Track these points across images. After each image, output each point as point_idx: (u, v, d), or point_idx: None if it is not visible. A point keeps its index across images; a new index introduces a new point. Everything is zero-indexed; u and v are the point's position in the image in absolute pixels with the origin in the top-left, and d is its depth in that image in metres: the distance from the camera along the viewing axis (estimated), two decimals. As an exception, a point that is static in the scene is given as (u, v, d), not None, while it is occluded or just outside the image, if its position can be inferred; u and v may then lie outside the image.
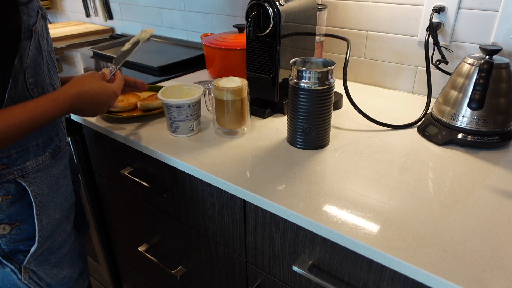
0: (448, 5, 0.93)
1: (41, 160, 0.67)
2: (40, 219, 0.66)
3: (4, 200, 0.62)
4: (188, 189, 0.81)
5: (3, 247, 0.64)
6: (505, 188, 0.65)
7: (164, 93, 0.84)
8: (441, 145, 0.79)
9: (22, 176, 0.64)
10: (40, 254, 0.69)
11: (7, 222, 0.63)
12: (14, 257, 0.66)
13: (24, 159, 0.64)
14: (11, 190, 0.63)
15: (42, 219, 0.67)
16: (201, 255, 0.89)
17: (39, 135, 0.66)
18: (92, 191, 1.12)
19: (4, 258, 0.65)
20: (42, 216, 0.67)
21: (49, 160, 0.69)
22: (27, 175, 0.64)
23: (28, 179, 0.64)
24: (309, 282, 0.68)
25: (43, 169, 0.67)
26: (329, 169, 0.71)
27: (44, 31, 0.64)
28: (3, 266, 0.65)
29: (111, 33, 1.87)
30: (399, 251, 0.52)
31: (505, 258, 0.51)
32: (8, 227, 0.63)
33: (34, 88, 0.62)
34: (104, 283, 1.37)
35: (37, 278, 0.69)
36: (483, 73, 0.72)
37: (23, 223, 0.66)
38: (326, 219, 0.58)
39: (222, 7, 1.40)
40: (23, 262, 0.67)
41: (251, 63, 0.92)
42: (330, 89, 0.74)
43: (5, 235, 0.64)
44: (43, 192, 0.67)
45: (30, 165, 0.65)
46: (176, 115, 0.81)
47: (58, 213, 0.71)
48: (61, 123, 0.74)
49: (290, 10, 0.84)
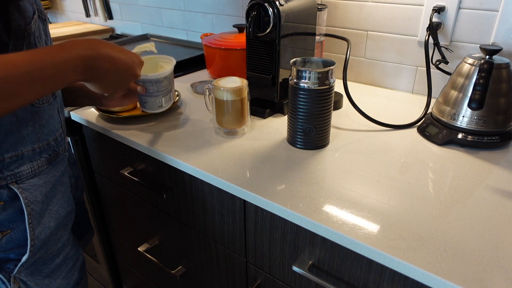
0: (448, 5, 0.93)
1: (37, 165, 0.63)
2: (33, 228, 0.63)
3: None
4: (188, 189, 0.81)
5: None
6: (505, 188, 0.65)
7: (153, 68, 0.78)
8: (441, 145, 0.79)
9: (16, 182, 0.60)
10: (31, 264, 0.65)
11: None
12: (4, 266, 0.63)
13: (18, 164, 0.60)
14: (3, 196, 0.60)
15: (35, 228, 0.63)
16: (201, 255, 0.89)
17: (35, 139, 0.63)
18: (92, 191, 1.12)
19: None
20: (35, 225, 0.63)
21: (45, 166, 0.65)
22: (21, 181, 0.61)
23: (22, 185, 0.61)
24: (309, 282, 0.68)
25: (38, 175, 0.64)
26: (329, 169, 0.71)
27: (42, 33, 0.62)
28: None
29: (111, 33, 1.88)
30: (399, 251, 0.52)
31: (505, 258, 0.51)
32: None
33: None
34: (104, 283, 1.37)
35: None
36: (483, 73, 0.72)
37: (15, 230, 0.62)
38: (326, 219, 0.58)
39: (222, 7, 1.40)
40: (13, 271, 0.64)
41: (251, 63, 0.92)
42: (330, 89, 0.74)
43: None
44: (37, 200, 0.63)
45: (24, 171, 0.61)
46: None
47: (53, 222, 0.67)
48: (60, 127, 0.69)
49: (290, 10, 0.84)
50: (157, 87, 0.75)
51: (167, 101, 0.79)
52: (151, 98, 0.76)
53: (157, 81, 0.75)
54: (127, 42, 1.61)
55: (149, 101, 0.77)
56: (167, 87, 0.78)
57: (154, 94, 0.76)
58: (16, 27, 0.56)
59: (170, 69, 0.77)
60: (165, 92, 0.78)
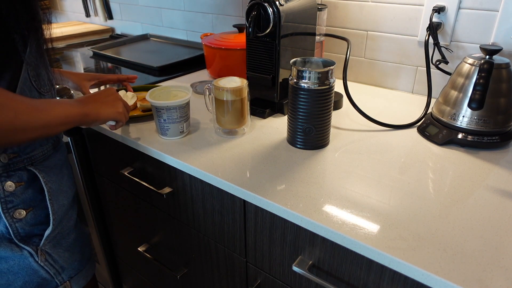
0: (448, 5, 0.93)
1: (46, 150, 0.71)
2: (52, 204, 0.71)
3: (18, 186, 0.66)
4: (188, 189, 0.81)
5: (20, 231, 0.68)
6: (505, 188, 0.65)
7: (152, 95, 0.82)
8: (441, 145, 0.79)
9: (32, 164, 0.67)
10: (53, 237, 0.73)
11: (22, 207, 0.67)
12: (31, 240, 0.70)
13: (32, 148, 0.67)
14: (23, 177, 0.67)
15: (54, 204, 0.71)
16: (201, 255, 0.89)
17: None
18: (92, 191, 1.12)
19: (21, 241, 0.68)
20: (53, 201, 0.71)
21: (52, 150, 0.73)
22: (35, 163, 0.68)
23: (38, 167, 0.68)
24: (309, 282, 0.68)
25: (48, 158, 0.71)
26: (329, 169, 0.71)
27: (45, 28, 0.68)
28: (21, 249, 0.69)
29: (111, 33, 1.87)
30: (399, 251, 0.52)
31: (505, 258, 0.51)
32: (24, 212, 0.67)
33: (36, 81, 0.65)
34: (104, 283, 1.37)
35: (52, 260, 0.73)
36: (483, 73, 0.72)
37: (36, 208, 0.69)
38: (326, 219, 0.58)
39: (222, 7, 1.40)
40: (39, 244, 0.70)
41: (251, 63, 0.92)
42: (330, 89, 0.74)
43: (21, 219, 0.67)
44: (51, 179, 0.71)
45: (37, 154, 0.68)
46: (166, 118, 0.80)
47: (66, 200, 0.75)
48: None
49: (290, 10, 0.84)
50: (180, 112, 0.81)
51: (187, 126, 0.84)
52: (173, 125, 0.81)
53: (181, 107, 0.80)
54: (127, 42, 1.62)
55: (172, 128, 0.81)
56: (187, 112, 0.83)
57: (177, 120, 0.81)
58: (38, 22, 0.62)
59: (189, 95, 0.82)
60: (186, 117, 0.83)
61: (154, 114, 0.82)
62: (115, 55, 1.43)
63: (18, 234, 0.68)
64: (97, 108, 0.70)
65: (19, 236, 0.68)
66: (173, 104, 0.79)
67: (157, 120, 0.81)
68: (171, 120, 0.80)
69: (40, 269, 0.71)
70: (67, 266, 0.77)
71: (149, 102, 0.80)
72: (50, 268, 0.73)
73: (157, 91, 0.85)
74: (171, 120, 0.80)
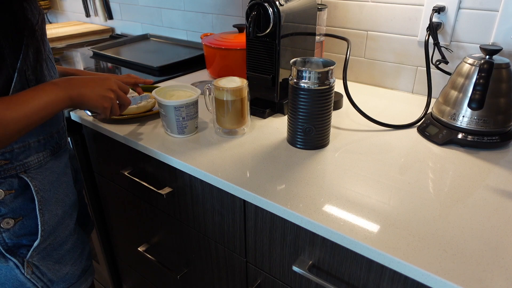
0: (448, 5, 0.93)
1: (42, 156, 0.68)
2: (42, 214, 0.68)
3: (7, 194, 0.63)
4: (188, 189, 0.81)
5: (7, 241, 0.65)
6: (505, 188, 0.65)
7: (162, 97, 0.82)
8: (441, 145, 0.79)
9: (25, 172, 0.65)
10: (42, 249, 0.70)
11: (10, 216, 0.65)
12: (18, 251, 0.67)
13: (26, 155, 0.65)
14: (14, 185, 0.64)
15: (44, 214, 0.68)
16: (201, 255, 0.89)
17: (40, 131, 0.67)
18: (92, 191, 1.12)
19: (8, 252, 0.66)
20: (44, 211, 0.68)
21: (50, 157, 0.70)
22: (29, 170, 0.66)
23: (31, 174, 0.66)
24: (309, 282, 0.68)
25: (44, 165, 0.69)
26: (329, 169, 0.71)
27: (43, 32, 0.66)
28: (7, 260, 0.66)
29: (111, 33, 1.87)
30: (399, 251, 0.52)
31: (505, 258, 0.51)
32: (12, 221, 0.65)
33: (34, 85, 0.64)
34: (104, 283, 1.37)
35: (40, 273, 0.70)
36: (483, 73, 0.72)
37: (26, 217, 0.67)
38: (326, 219, 0.58)
39: (222, 7, 1.40)
40: (26, 256, 0.68)
41: (251, 63, 0.92)
42: (330, 89, 0.74)
43: (9, 229, 0.65)
44: (45, 188, 0.68)
45: (32, 161, 0.66)
46: (185, 115, 0.80)
47: (60, 209, 0.72)
48: (62, 121, 0.75)
49: (290, 10, 0.84)
50: (195, 108, 0.82)
51: (197, 123, 0.86)
52: (191, 121, 0.83)
53: (196, 103, 0.82)
54: (127, 42, 1.62)
55: (189, 124, 0.83)
56: (197, 109, 0.85)
57: (193, 115, 0.83)
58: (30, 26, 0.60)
59: (199, 92, 0.84)
60: (197, 114, 0.85)
61: (170, 115, 0.80)
62: (115, 55, 1.43)
63: (5, 244, 0.65)
64: (83, 94, 0.65)
65: (6, 246, 0.65)
66: (191, 100, 0.80)
67: (175, 120, 0.80)
68: (189, 117, 0.81)
69: (27, 281, 0.69)
70: (56, 280, 0.73)
71: (165, 104, 0.79)
72: (37, 281, 0.70)
73: (160, 92, 0.84)
74: (189, 116, 0.81)
